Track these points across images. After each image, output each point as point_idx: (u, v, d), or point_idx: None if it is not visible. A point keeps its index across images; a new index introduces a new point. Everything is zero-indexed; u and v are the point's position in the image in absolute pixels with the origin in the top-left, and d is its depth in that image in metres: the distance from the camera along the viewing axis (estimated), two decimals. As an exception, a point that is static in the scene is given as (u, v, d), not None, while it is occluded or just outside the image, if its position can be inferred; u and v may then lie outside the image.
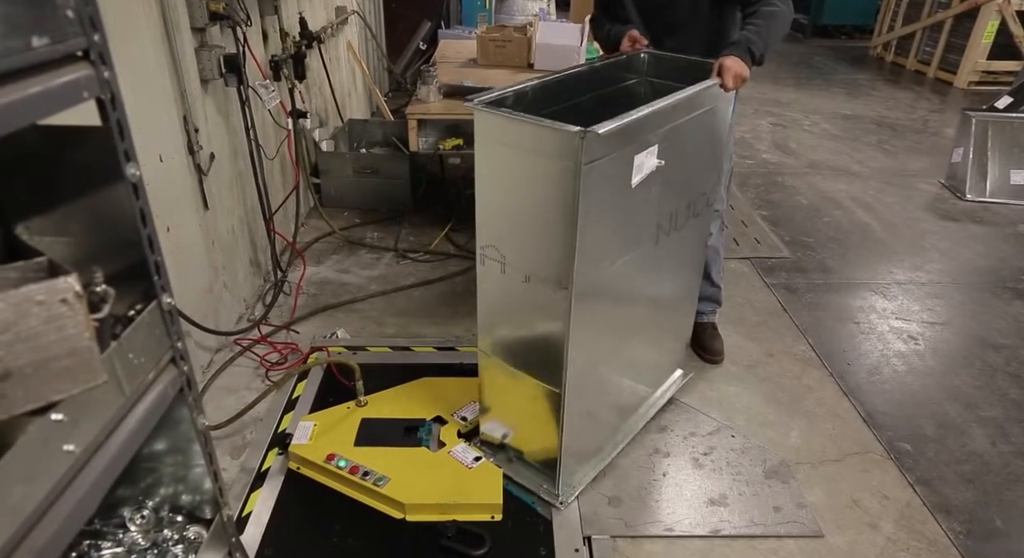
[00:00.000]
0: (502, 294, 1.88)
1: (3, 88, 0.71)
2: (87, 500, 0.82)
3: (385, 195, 4.05)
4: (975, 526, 2.07)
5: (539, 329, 1.86)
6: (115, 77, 0.87)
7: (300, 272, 3.36)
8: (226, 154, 2.80)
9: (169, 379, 1.03)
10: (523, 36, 4.03)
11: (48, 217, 0.99)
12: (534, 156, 1.59)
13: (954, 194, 4.63)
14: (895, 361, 2.86)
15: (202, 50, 2.51)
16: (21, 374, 0.73)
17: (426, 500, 1.98)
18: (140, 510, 1.22)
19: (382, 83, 6.42)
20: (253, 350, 2.76)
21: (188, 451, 1.18)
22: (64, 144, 0.93)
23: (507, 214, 1.77)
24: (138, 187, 0.93)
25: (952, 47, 7.70)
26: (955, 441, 2.42)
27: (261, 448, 2.25)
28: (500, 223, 1.80)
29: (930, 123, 6.28)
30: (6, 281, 0.83)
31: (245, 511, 2.00)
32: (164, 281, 1.01)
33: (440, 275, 3.38)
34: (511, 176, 1.70)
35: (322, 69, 4.21)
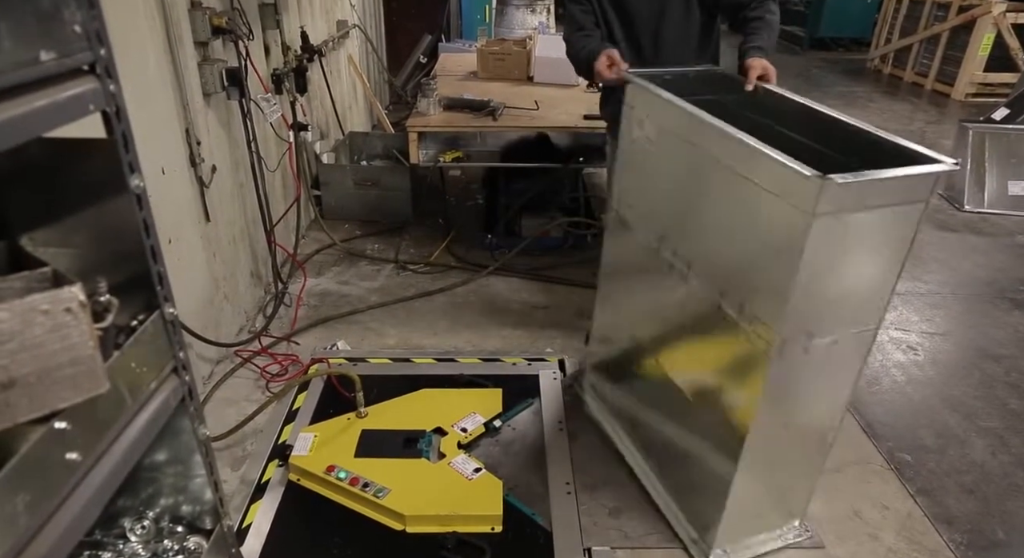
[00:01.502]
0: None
1: (11, 101, 0.72)
2: (88, 509, 0.83)
3: (385, 207, 4.07)
4: (976, 537, 2.07)
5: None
6: (120, 90, 0.88)
7: (301, 284, 3.37)
8: (228, 166, 2.82)
9: (171, 389, 1.03)
10: (523, 49, 4.07)
11: (53, 228, 1.00)
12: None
13: (952, 205, 4.65)
14: (895, 371, 2.86)
15: (205, 64, 2.53)
16: (25, 383, 0.74)
17: (426, 511, 1.98)
18: (141, 520, 1.22)
19: (383, 96, 6.46)
20: (254, 361, 2.76)
21: (189, 461, 1.19)
22: (70, 156, 0.94)
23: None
24: (142, 198, 0.94)
25: (949, 59, 7.76)
26: (955, 451, 2.42)
27: (261, 459, 2.24)
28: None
29: (927, 134, 6.31)
30: (11, 291, 0.84)
31: (245, 522, 2.00)
32: (167, 292, 1.02)
33: (440, 287, 3.39)
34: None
35: (323, 82, 4.25)
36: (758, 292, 1.54)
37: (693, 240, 1.78)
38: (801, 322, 1.49)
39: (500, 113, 3.25)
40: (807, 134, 1.79)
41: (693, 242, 1.78)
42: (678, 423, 2.00)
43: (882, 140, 1.61)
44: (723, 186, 1.62)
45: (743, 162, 1.52)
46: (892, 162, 1.44)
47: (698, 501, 1.94)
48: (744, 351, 1.60)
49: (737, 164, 1.54)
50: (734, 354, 1.66)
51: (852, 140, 1.68)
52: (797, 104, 1.91)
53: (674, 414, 2.00)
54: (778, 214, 1.44)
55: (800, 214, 1.36)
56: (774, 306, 1.49)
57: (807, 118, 1.85)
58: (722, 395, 1.75)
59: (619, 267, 2.24)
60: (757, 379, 1.59)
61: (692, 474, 1.95)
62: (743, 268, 1.59)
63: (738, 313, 1.60)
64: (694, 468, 1.92)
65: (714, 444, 1.81)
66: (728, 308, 1.64)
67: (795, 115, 1.89)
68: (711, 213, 1.70)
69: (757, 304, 1.54)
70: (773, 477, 1.86)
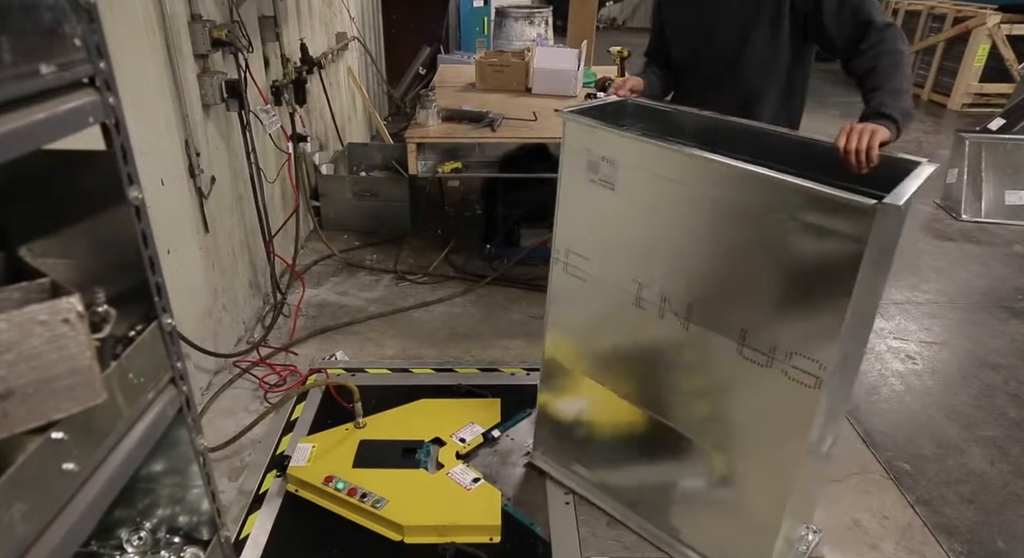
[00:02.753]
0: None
1: (12, 114, 0.73)
2: (85, 520, 0.82)
3: (384, 218, 4.08)
4: (976, 546, 2.06)
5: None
6: (120, 103, 0.89)
7: (299, 294, 3.37)
8: (227, 177, 2.83)
9: (168, 399, 1.03)
10: (521, 61, 4.10)
11: (51, 239, 1.00)
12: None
13: (949, 214, 4.67)
14: (893, 381, 2.87)
15: (204, 76, 2.55)
16: (23, 393, 0.74)
17: (424, 522, 1.97)
18: (138, 531, 1.21)
19: (382, 107, 6.49)
20: (252, 372, 2.76)
21: (186, 472, 1.18)
22: (69, 168, 0.95)
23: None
24: (140, 210, 0.95)
25: (945, 70, 7.82)
26: (954, 461, 2.42)
27: (259, 470, 2.24)
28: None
29: (924, 145, 6.35)
30: (9, 302, 0.84)
31: (243, 534, 1.99)
32: (165, 302, 1.02)
33: (439, 297, 3.39)
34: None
35: (322, 94, 4.27)
36: (797, 328, 1.48)
37: (691, 285, 1.67)
38: (844, 346, 1.46)
39: (499, 124, 3.27)
40: (749, 151, 1.71)
41: (692, 287, 1.67)
42: (685, 471, 1.88)
43: (821, 145, 1.64)
44: (738, 226, 1.53)
45: (770, 199, 1.45)
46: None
47: (731, 545, 1.84)
48: (783, 391, 1.53)
49: (761, 202, 1.47)
50: (770, 397, 1.58)
51: (800, 152, 1.68)
52: (726, 122, 1.87)
53: (677, 464, 1.88)
54: (820, 246, 1.39)
55: (850, 243, 1.33)
56: (822, 339, 1.44)
57: (739, 134, 1.82)
58: (758, 439, 1.66)
59: (578, 313, 1.99)
60: (802, 416, 1.52)
61: (717, 522, 1.86)
62: (774, 307, 1.52)
63: (769, 354, 1.54)
64: (719, 515, 1.84)
65: (751, 488, 1.73)
66: (754, 352, 1.57)
67: (728, 132, 1.84)
68: (718, 255, 1.60)
69: (797, 341, 1.48)
70: (802, 500, 1.83)
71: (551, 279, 1.98)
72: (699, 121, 1.94)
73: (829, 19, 1.82)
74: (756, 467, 1.69)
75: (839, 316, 1.39)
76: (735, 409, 1.68)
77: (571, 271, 1.91)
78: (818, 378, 1.47)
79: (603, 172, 1.73)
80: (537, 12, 6.13)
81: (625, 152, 1.68)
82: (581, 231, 1.86)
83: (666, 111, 2.01)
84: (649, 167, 1.65)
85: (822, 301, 1.42)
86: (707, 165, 1.54)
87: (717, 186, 1.54)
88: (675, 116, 1.99)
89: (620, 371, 1.94)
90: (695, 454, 1.81)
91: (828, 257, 1.38)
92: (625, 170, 1.69)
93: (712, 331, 1.64)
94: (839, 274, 1.37)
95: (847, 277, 1.35)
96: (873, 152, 1.54)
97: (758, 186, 1.47)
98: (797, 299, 1.48)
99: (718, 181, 1.54)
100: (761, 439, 1.65)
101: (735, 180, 1.51)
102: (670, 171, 1.61)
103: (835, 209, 1.34)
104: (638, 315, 1.78)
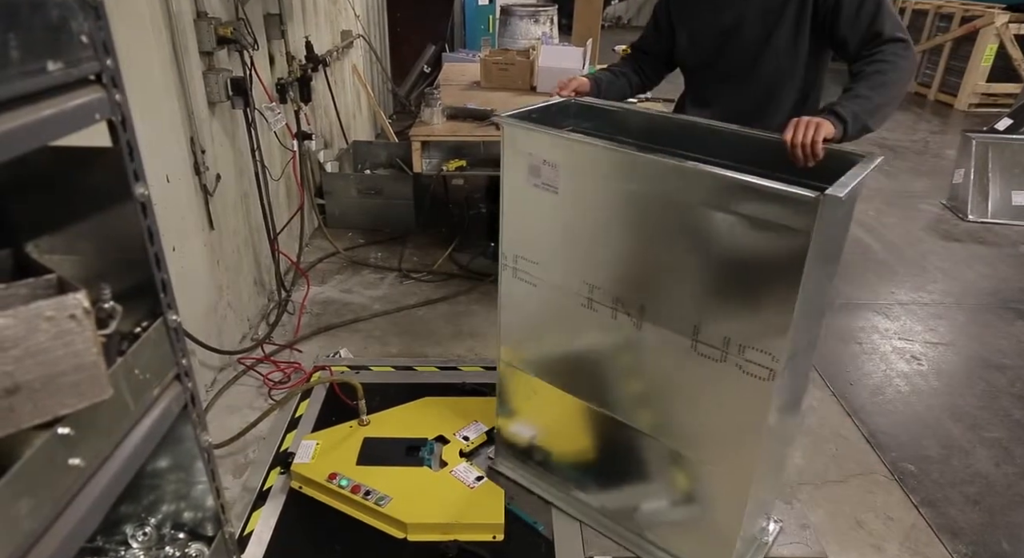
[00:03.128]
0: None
1: (19, 110, 0.73)
2: (91, 515, 0.83)
3: (389, 216, 4.09)
4: (981, 548, 2.05)
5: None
6: (126, 100, 0.89)
7: (304, 292, 3.38)
8: (232, 175, 2.84)
9: (173, 396, 1.03)
10: (526, 60, 4.09)
11: (57, 235, 1.01)
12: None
13: (956, 215, 4.65)
14: (898, 381, 2.86)
15: (209, 73, 2.56)
16: (30, 388, 0.74)
17: (428, 520, 1.98)
18: (142, 527, 1.21)
19: (386, 105, 6.50)
20: (256, 369, 2.77)
21: (191, 468, 1.19)
22: (75, 164, 0.95)
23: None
24: (146, 206, 0.95)
25: (952, 70, 7.78)
26: (959, 462, 2.41)
27: (263, 467, 2.24)
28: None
29: (931, 145, 6.32)
30: (16, 298, 0.84)
31: (247, 530, 2.00)
32: (170, 299, 1.02)
33: (443, 295, 3.39)
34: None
35: (327, 92, 4.28)
36: (748, 321, 1.49)
37: (641, 284, 1.65)
38: (795, 338, 1.47)
39: (503, 122, 3.26)
40: (695, 148, 1.72)
41: (642, 286, 1.65)
42: (647, 469, 1.87)
43: (765, 139, 1.66)
44: (683, 223, 1.53)
45: (713, 195, 1.45)
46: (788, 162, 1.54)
47: (695, 540, 1.85)
48: (737, 384, 1.54)
49: (705, 198, 1.47)
50: (726, 391, 1.58)
51: (749, 148, 1.69)
52: (671, 120, 1.87)
53: (639, 463, 1.87)
54: (766, 240, 1.40)
55: (796, 235, 1.33)
56: (773, 331, 1.44)
57: (686, 131, 1.82)
58: (715, 434, 1.66)
59: (530, 318, 1.96)
60: (758, 409, 1.53)
61: (679, 519, 1.87)
62: (724, 302, 1.52)
63: (723, 348, 1.54)
64: (682, 513, 1.85)
65: (712, 484, 1.73)
66: (708, 347, 1.57)
67: (674, 130, 1.84)
68: (665, 253, 1.59)
69: (749, 335, 1.49)
70: (762, 493, 1.83)
71: (500, 285, 1.95)
72: (644, 120, 1.95)
73: (845, 22, 1.81)
74: (716, 462, 1.70)
75: (789, 309, 1.40)
76: (692, 406, 1.69)
77: (520, 276, 1.89)
78: (771, 370, 1.48)
79: (545, 176, 1.70)
80: (542, 10, 6.12)
81: (566, 154, 1.65)
82: (528, 236, 1.84)
83: (611, 110, 2.00)
84: (591, 168, 1.63)
85: (771, 294, 1.43)
86: (648, 163, 1.54)
87: (660, 184, 1.54)
88: (620, 115, 1.99)
89: (576, 374, 1.92)
90: (656, 452, 1.82)
91: (774, 251, 1.39)
92: (567, 172, 1.67)
93: (665, 329, 1.64)
94: (786, 267, 1.37)
95: (794, 270, 1.36)
96: (817, 147, 1.53)
97: (700, 182, 1.47)
98: (747, 293, 1.48)
99: (660, 179, 1.53)
100: (719, 433, 1.67)
101: (677, 177, 1.51)
102: (612, 171, 1.60)
103: (778, 202, 1.35)
104: (590, 317, 1.77)
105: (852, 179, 1.37)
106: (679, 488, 1.83)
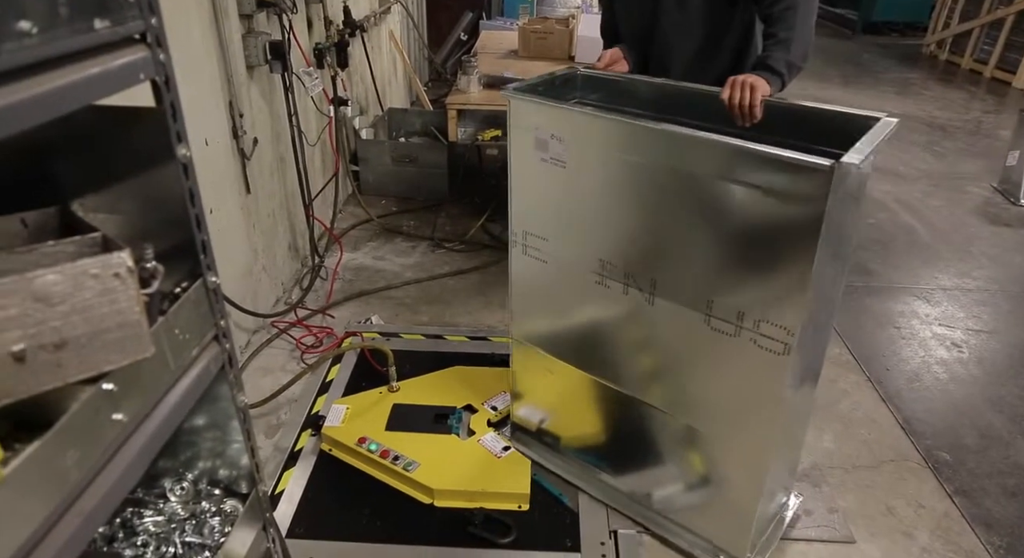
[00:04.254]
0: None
1: (67, 68, 0.73)
2: (133, 467, 0.85)
3: (422, 184, 4.08)
4: (1017, 541, 2.01)
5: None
6: (170, 60, 0.89)
7: (337, 258, 3.41)
8: (268, 139, 2.85)
9: (212, 356, 1.05)
10: (564, 28, 4.01)
11: (102, 195, 1.02)
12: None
13: (1007, 199, 4.47)
14: (936, 368, 2.79)
15: (248, 36, 2.56)
16: (76, 344, 0.76)
17: (454, 487, 2.00)
18: (180, 482, 1.25)
19: (422, 73, 6.45)
20: (289, 333, 2.82)
21: (227, 427, 1.22)
22: (119, 124, 0.96)
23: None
24: (188, 168, 0.96)
25: (1012, 46, 7.41)
26: (998, 453, 2.35)
27: (295, 429, 2.29)
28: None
29: (984, 124, 6.07)
30: (63, 255, 0.86)
31: (278, 489, 2.05)
32: (210, 260, 1.04)
33: (475, 265, 3.39)
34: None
35: (364, 58, 4.25)
36: (762, 295, 1.46)
37: (653, 258, 1.62)
38: (810, 312, 1.45)
39: (540, 92, 3.21)
40: (707, 117, 1.69)
41: (653, 261, 1.62)
42: (663, 447, 1.85)
43: (797, 109, 1.64)
44: (694, 194, 1.49)
45: (724, 165, 1.41)
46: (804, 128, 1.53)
47: (713, 517, 1.84)
48: (751, 359, 1.51)
49: (715, 168, 1.43)
50: (740, 366, 1.56)
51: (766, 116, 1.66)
52: (682, 88, 1.82)
53: (654, 439, 1.85)
54: (780, 210, 1.36)
55: (811, 205, 1.30)
56: (788, 305, 1.41)
57: (698, 100, 1.78)
58: (731, 410, 1.64)
59: (541, 295, 1.94)
60: (774, 384, 1.51)
61: (697, 496, 1.85)
62: (738, 275, 1.49)
63: (737, 323, 1.51)
64: (699, 490, 1.84)
65: (729, 461, 1.72)
66: (722, 321, 1.54)
67: (685, 99, 1.80)
68: (677, 226, 1.56)
69: (763, 308, 1.46)
70: (780, 469, 1.83)
71: (511, 263, 1.93)
72: (652, 89, 1.89)
73: None
74: (731, 437, 1.68)
75: (804, 281, 1.36)
76: (706, 381, 1.67)
77: (530, 253, 1.86)
78: (786, 344, 1.45)
79: (553, 150, 1.66)
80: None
81: (573, 127, 1.61)
82: (537, 212, 1.80)
83: (618, 80, 1.95)
84: (598, 141, 1.59)
85: (786, 267, 1.39)
86: (657, 134, 1.49)
87: (669, 155, 1.50)
88: (627, 85, 1.93)
89: (588, 351, 1.89)
90: (671, 429, 1.80)
91: (789, 221, 1.35)
92: (575, 146, 1.63)
93: (678, 304, 1.61)
94: (801, 238, 1.33)
95: (809, 240, 1.32)
96: (756, 109, 1.57)
97: (710, 152, 1.43)
98: (761, 266, 1.45)
99: (669, 150, 1.49)
100: (734, 409, 1.64)
101: (686, 147, 1.47)
102: (619, 143, 1.56)
103: (791, 171, 1.31)
104: (602, 293, 1.74)
105: (867, 146, 1.32)
106: (695, 465, 1.82)
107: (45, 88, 0.70)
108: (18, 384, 0.73)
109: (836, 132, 1.51)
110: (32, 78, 0.69)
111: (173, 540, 1.17)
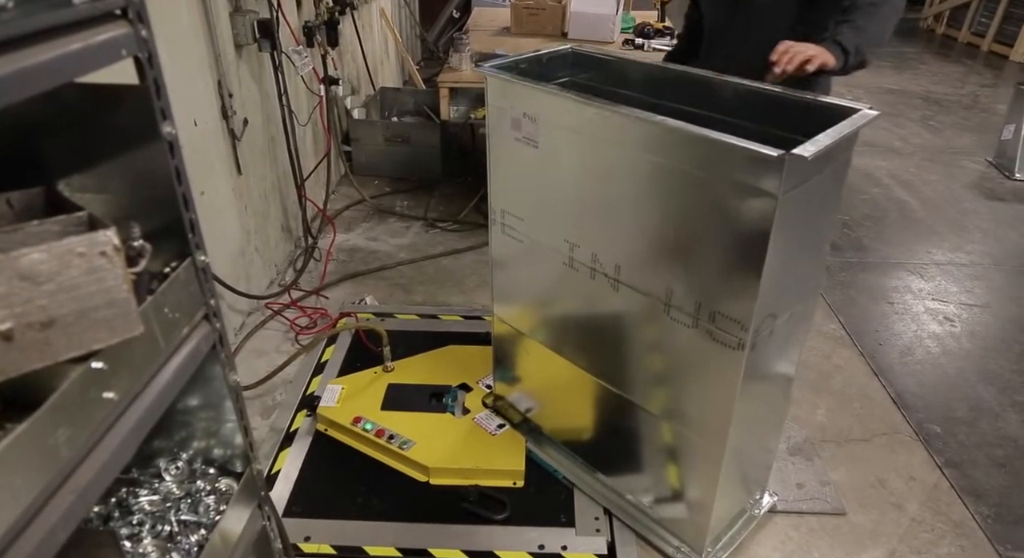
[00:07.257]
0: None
1: (46, 44, 0.72)
2: (125, 446, 0.86)
3: (415, 164, 4.06)
4: (1004, 511, 2.04)
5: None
6: (152, 36, 0.88)
7: (330, 239, 3.40)
8: (259, 120, 2.82)
9: (202, 335, 1.05)
10: (557, 4, 3.96)
11: (88, 174, 1.01)
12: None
13: (1002, 173, 4.47)
14: (929, 342, 2.81)
15: (236, 15, 2.52)
16: (64, 322, 0.76)
17: (450, 465, 2.02)
18: (175, 461, 1.26)
19: (414, 51, 6.38)
20: (283, 314, 2.82)
21: (220, 407, 1.22)
22: (103, 102, 0.95)
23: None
24: (174, 145, 0.95)
25: (1011, 18, 7.36)
26: (988, 425, 2.38)
27: (290, 409, 2.30)
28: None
29: (980, 98, 6.04)
30: (49, 234, 0.85)
31: (274, 469, 2.07)
32: (198, 239, 1.03)
33: (469, 245, 3.39)
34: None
35: (355, 36, 4.20)
36: (717, 287, 1.43)
37: (618, 244, 1.60)
38: (767, 307, 1.41)
39: (533, 69, 3.18)
40: (695, 101, 1.64)
41: (619, 247, 1.60)
42: (633, 434, 1.83)
43: (781, 97, 1.55)
44: (655, 180, 1.46)
45: (683, 151, 1.38)
46: (790, 117, 1.46)
47: (675, 510, 1.84)
48: (709, 351, 1.49)
49: (675, 155, 1.39)
50: (695, 357, 1.54)
51: (751, 101, 1.60)
52: (673, 71, 1.77)
53: (624, 425, 1.83)
54: (735, 203, 1.31)
55: (763, 198, 1.25)
56: (741, 298, 1.38)
57: (687, 84, 1.72)
58: (689, 401, 1.63)
59: (519, 275, 1.95)
60: (731, 376, 1.47)
61: (662, 486, 1.84)
62: (694, 266, 1.47)
63: (695, 314, 1.48)
64: (663, 479, 1.82)
65: (688, 453, 1.70)
66: (679, 312, 1.51)
67: (675, 82, 1.74)
68: (640, 214, 1.52)
69: (718, 300, 1.43)
70: (745, 465, 1.82)
71: (491, 240, 1.94)
72: (642, 71, 1.85)
73: None
74: (691, 430, 1.66)
75: (755, 276, 1.32)
76: (667, 372, 1.65)
77: (508, 232, 1.86)
78: (740, 339, 1.41)
79: (526, 129, 1.65)
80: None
81: (544, 107, 1.59)
82: (513, 191, 1.80)
83: (609, 60, 1.92)
84: (567, 122, 1.56)
85: (739, 260, 1.35)
86: (618, 118, 1.46)
87: (631, 140, 1.46)
88: (618, 65, 1.90)
89: (562, 333, 1.90)
90: (640, 418, 1.78)
91: (741, 213, 1.31)
92: (546, 126, 1.60)
93: (639, 292, 1.59)
94: (755, 230, 1.29)
95: (761, 235, 1.28)
96: (798, 57, 1.53)
97: (669, 138, 1.39)
98: (717, 256, 1.41)
99: (631, 135, 1.46)
100: (693, 402, 1.62)
101: (646, 131, 1.43)
102: (587, 125, 1.53)
103: (743, 160, 1.26)
104: (572, 276, 1.73)
105: (828, 138, 1.25)
106: (661, 455, 1.80)
107: (24, 64, 0.68)
108: (6, 363, 0.72)
109: (820, 121, 1.43)
110: (9, 54, 0.67)
111: (168, 518, 1.18)
